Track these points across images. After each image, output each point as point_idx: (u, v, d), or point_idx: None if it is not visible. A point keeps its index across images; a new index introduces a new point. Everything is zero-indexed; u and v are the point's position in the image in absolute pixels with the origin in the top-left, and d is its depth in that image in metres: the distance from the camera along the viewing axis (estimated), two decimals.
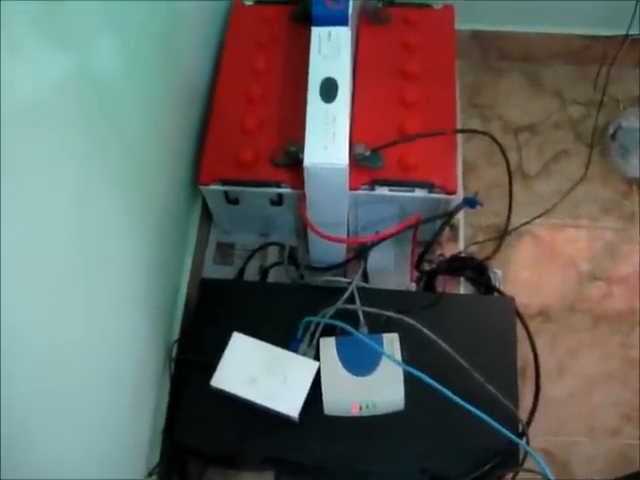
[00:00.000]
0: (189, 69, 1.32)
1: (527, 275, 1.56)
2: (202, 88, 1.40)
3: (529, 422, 1.17)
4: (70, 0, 0.76)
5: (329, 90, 1.14)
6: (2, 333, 0.64)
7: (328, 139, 1.10)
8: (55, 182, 0.76)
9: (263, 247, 1.42)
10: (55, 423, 0.82)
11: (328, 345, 1.17)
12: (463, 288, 1.41)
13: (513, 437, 1.06)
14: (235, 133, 1.31)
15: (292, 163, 1.24)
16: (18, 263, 0.67)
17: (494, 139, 1.32)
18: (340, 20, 1.21)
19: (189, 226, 1.41)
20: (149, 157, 1.11)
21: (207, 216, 1.46)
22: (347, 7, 1.20)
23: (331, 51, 1.18)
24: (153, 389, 1.22)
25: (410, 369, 1.07)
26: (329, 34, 1.20)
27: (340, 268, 1.36)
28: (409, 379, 1.13)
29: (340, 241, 1.26)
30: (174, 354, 1.28)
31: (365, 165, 1.25)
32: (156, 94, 1.12)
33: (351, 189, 1.21)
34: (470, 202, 1.27)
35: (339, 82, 1.16)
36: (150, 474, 1.19)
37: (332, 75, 1.16)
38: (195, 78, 1.37)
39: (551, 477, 0.97)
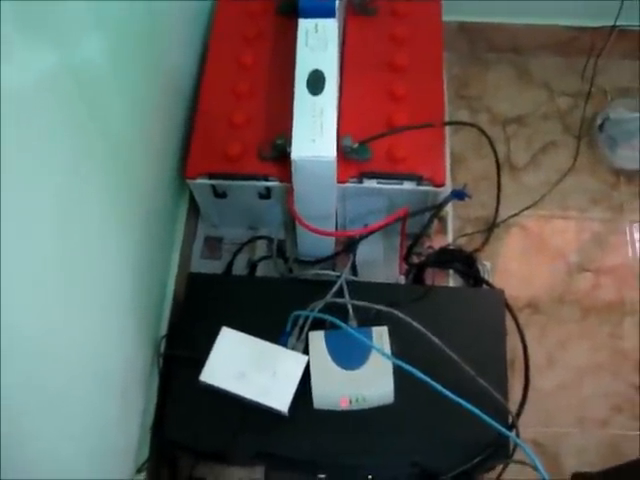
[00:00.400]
0: (174, 64, 1.31)
1: (516, 267, 1.57)
2: (188, 83, 1.39)
3: (519, 414, 1.17)
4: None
5: (316, 82, 1.14)
6: None
7: (316, 132, 1.10)
8: (39, 179, 0.75)
9: (251, 241, 1.42)
10: (44, 420, 0.82)
11: (317, 339, 1.17)
12: (452, 280, 1.40)
13: (503, 429, 1.06)
14: (222, 127, 1.30)
15: (280, 156, 1.23)
16: (2, 262, 0.67)
17: (482, 131, 1.31)
18: (327, 12, 1.20)
19: (176, 220, 1.40)
20: (134, 152, 1.10)
21: (194, 210, 1.45)
22: None
23: (318, 43, 1.18)
24: (141, 385, 1.21)
25: (399, 362, 1.07)
26: (316, 26, 1.20)
27: (329, 261, 1.35)
28: (399, 372, 1.13)
29: (328, 234, 1.25)
30: (162, 350, 1.27)
31: (353, 158, 1.24)
32: (141, 89, 1.11)
33: (339, 182, 1.20)
34: (459, 194, 1.27)
35: (326, 74, 1.15)
36: (139, 470, 1.19)
37: (319, 67, 1.15)
38: (181, 73, 1.36)
39: (540, 468, 0.97)
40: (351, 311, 1.18)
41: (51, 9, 0.75)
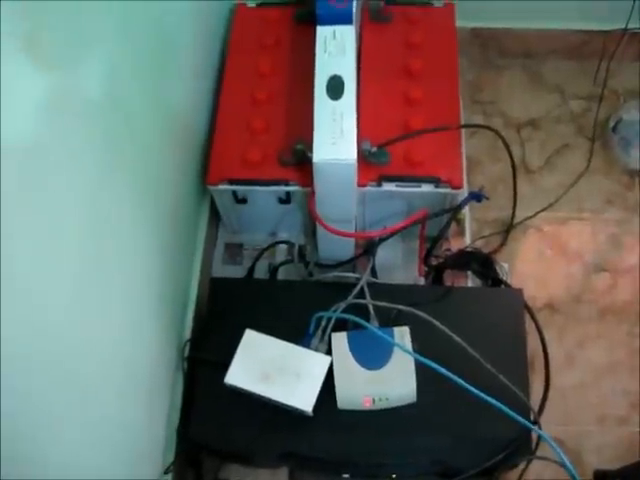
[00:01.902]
0: (194, 70, 1.33)
1: (533, 268, 1.57)
2: (209, 90, 1.42)
3: (540, 411, 1.19)
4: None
5: (336, 87, 1.16)
6: (22, 329, 0.66)
7: (336, 135, 1.12)
8: (71, 185, 0.77)
9: (272, 246, 1.43)
10: (72, 421, 0.84)
11: (340, 340, 1.18)
12: (471, 282, 1.42)
13: (527, 423, 1.08)
14: (242, 134, 1.33)
15: (299, 162, 1.26)
16: (36, 264, 0.69)
17: (498, 133, 1.33)
18: (344, 19, 1.23)
19: (198, 227, 1.43)
20: (160, 158, 1.13)
21: (215, 217, 1.47)
22: (351, 6, 1.22)
23: (336, 49, 1.20)
24: (167, 388, 1.23)
25: (423, 359, 1.09)
26: (334, 33, 1.22)
27: (349, 264, 1.37)
28: (421, 371, 1.14)
29: (349, 235, 1.27)
30: (187, 353, 1.29)
31: (372, 161, 1.26)
32: (163, 95, 1.14)
33: (359, 185, 1.23)
34: (476, 196, 1.29)
35: (345, 79, 1.17)
36: (166, 472, 1.21)
37: (338, 72, 1.18)
38: (201, 79, 1.39)
39: (566, 461, 0.99)
40: (372, 312, 1.20)
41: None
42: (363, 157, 1.23)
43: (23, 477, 0.72)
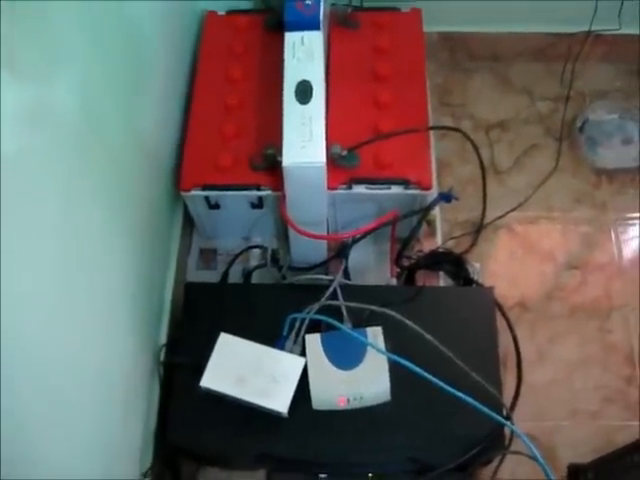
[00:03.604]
0: (165, 78, 1.34)
1: (504, 267, 1.60)
2: (180, 98, 1.43)
3: (512, 407, 1.20)
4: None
5: (304, 92, 1.17)
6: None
7: (305, 139, 1.13)
8: (44, 195, 0.78)
9: (245, 250, 1.44)
10: (49, 425, 0.84)
11: (313, 341, 1.19)
12: (442, 282, 1.43)
13: (500, 419, 1.09)
14: (214, 139, 1.34)
15: (270, 166, 1.27)
16: (11, 271, 0.69)
17: (466, 135, 1.35)
18: (312, 25, 1.24)
19: (172, 234, 1.43)
20: (131, 167, 1.13)
21: (189, 223, 1.48)
22: (318, 12, 1.23)
23: (305, 55, 1.22)
24: (143, 393, 1.23)
25: (396, 358, 1.10)
26: (302, 39, 1.23)
27: (322, 267, 1.38)
28: (394, 371, 1.16)
29: (320, 237, 1.28)
30: (162, 358, 1.30)
31: (342, 165, 1.27)
32: (134, 103, 1.15)
33: (329, 189, 1.24)
34: (446, 197, 1.30)
35: (314, 84, 1.19)
36: (144, 476, 1.21)
37: (307, 77, 1.19)
38: (172, 87, 1.39)
39: (537, 455, 1.00)
40: (345, 313, 1.22)
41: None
42: (333, 160, 1.25)
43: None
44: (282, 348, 1.19)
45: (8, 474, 0.71)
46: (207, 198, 1.34)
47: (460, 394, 1.07)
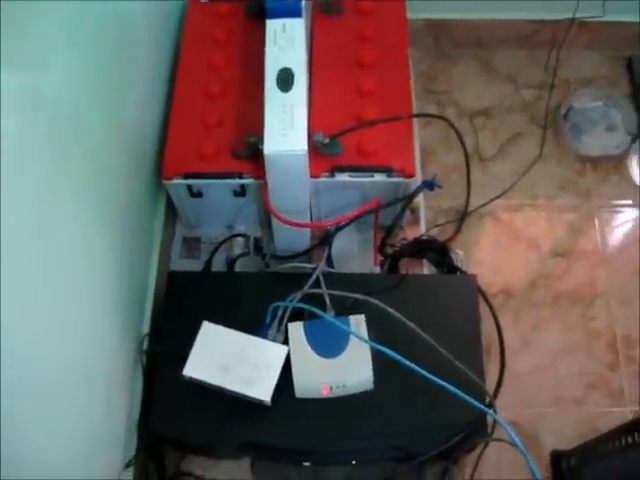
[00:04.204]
0: (147, 67, 1.33)
1: (488, 255, 1.60)
2: (162, 85, 1.42)
3: (495, 394, 1.21)
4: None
5: (286, 80, 1.17)
6: None
7: (286, 127, 1.12)
8: (19, 183, 0.77)
9: (228, 239, 1.44)
10: (30, 418, 0.84)
11: (296, 329, 1.20)
12: (426, 270, 1.44)
13: (482, 407, 1.09)
14: (196, 128, 1.33)
15: (252, 154, 1.27)
16: None
17: (449, 123, 1.35)
18: (294, 12, 1.23)
19: (154, 223, 1.43)
20: (111, 156, 1.13)
21: (172, 212, 1.47)
22: None
23: (286, 42, 1.21)
24: (126, 382, 1.23)
25: (378, 346, 1.10)
26: (283, 26, 1.22)
27: (305, 255, 1.38)
28: (377, 359, 1.17)
29: (302, 225, 1.27)
30: (145, 347, 1.29)
31: (324, 153, 1.27)
32: (115, 92, 1.14)
33: (312, 177, 1.24)
34: (429, 185, 1.30)
35: (295, 72, 1.18)
36: (127, 465, 1.21)
37: (288, 65, 1.18)
38: (154, 76, 1.39)
39: (518, 443, 1.01)
40: (328, 301, 1.22)
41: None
42: (315, 148, 1.24)
43: None
44: (265, 336, 1.19)
45: None
46: (189, 186, 1.33)
47: (443, 382, 1.06)
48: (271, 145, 1.11)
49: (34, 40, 0.80)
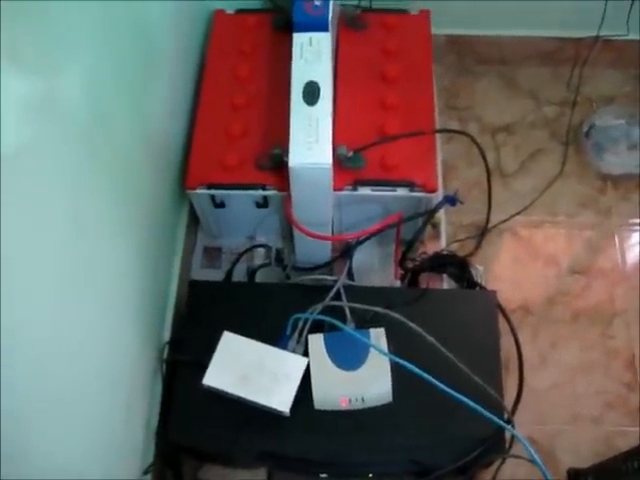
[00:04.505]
0: (173, 76, 1.35)
1: (508, 271, 1.60)
2: (188, 95, 1.44)
3: (514, 411, 1.21)
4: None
5: (312, 93, 1.18)
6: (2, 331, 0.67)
7: (312, 140, 1.14)
8: (52, 190, 0.79)
9: (250, 249, 1.45)
10: (52, 423, 0.84)
11: (316, 341, 1.20)
12: (446, 284, 1.44)
13: (501, 422, 1.09)
14: (220, 138, 1.34)
15: (276, 166, 1.28)
16: (17, 265, 0.70)
17: (472, 138, 1.36)
18: (320, 26, 1.25)
19: (177, 231, 1.44)
20: (138, 161, 1.14)
21: (194, 222, 1.49)
22: (327, 13, 1.24)
23: (312, 56, 1.22)
24: (146, 390, 1.24)
25: (398, 360, 1.10)
26: (310, 40, 1.24)
27: (326, 268, 1.38)
28: (396, 372, 1.16)
29: (325, 238, 1.28)
30: (165, 355, 1.30)
31: (347, 166, 1.28)
32: (142, 100, 1.15)
33: (335, 190, 1.24)
34: (450, 200, 1.31)
35: (321, 85, 1.19)
36: (145, 472, 1.22)
37: (314, 79, 1.20)
38: (180, 85, 1.40)
39: (537, 459, 1.01)
40: (348, 314, 1.22)
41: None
42: (339, 162, 1.25)
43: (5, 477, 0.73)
44: (285, 348, 1.19)
45: (8, 473, 0.71)
46: (212, 197, 1.34)
47: (461, 397, 1.07)
48: (296, 158, 1.12)
49: (60, 42, 0.81)
